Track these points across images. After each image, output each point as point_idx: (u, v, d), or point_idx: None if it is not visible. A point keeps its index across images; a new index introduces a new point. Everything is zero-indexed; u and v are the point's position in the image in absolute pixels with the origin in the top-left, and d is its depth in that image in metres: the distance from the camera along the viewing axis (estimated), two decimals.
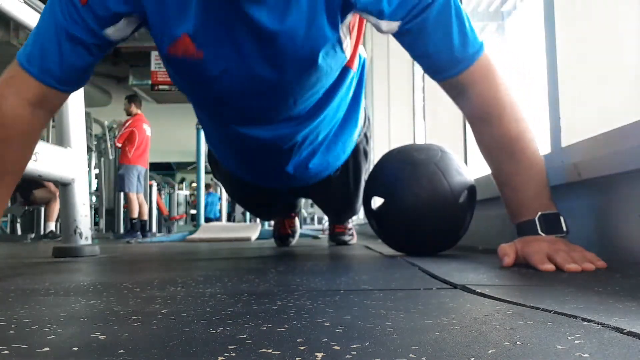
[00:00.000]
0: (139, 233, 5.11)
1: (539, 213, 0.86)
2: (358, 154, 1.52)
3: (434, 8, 0.87)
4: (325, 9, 0.90)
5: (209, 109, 1.19)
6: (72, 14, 0.87)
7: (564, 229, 0.85)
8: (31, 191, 5.11)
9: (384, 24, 0.90)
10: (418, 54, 0.95)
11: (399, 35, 0.93)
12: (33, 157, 1.47)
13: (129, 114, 5.36)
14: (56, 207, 5.08)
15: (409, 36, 0.91)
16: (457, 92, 0.95)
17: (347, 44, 1.02)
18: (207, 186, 9.60)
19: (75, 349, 0.34)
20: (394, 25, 0.90)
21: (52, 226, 5.09)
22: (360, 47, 1.19)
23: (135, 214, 5.20)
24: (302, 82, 1.02)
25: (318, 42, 0.93)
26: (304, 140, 1.23)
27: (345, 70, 1.13)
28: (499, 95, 0.92)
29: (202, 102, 1.17)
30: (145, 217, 5.36)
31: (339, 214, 1.91)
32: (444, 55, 0.91)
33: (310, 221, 10.33)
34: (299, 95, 1.06)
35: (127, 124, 5.23)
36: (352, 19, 0.98)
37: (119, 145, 5.22)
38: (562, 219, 0.86)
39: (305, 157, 1.31)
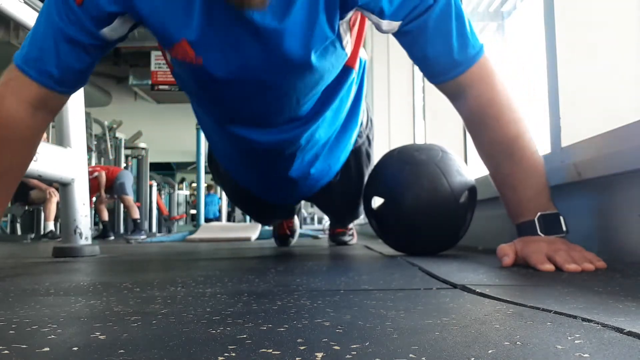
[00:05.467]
0: (142, 232, 5.25)
1: (539, 213, 0.86)
2: (360, 157, 1.49)
3: (435, 10, 0.87)
4: (324, 6, 0.89)
5: (210, 111, 1.18)
6: (68, 15, 0.86)
7: (564, 229, 0.85)
8: (27, 192, 5.13)
9: (385, 24, 0.90)
10: (417, 56, 0.95)
11: (399, 35, 0.93)
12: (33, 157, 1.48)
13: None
14: (53, 206, 5.10)
15: (409, 37, 0.91)
16: (456, 94, 0.95)
17: (348, 40, 1.01)
18: (209, 187, 9.61)
19: (75, 349, 0.34)
20: (395, 25, 0.89)
21: (51, 226, 5.10)
22: (361, 49, 1.18)
23: (137, 215, 5.36)
24: (304, 81, 1.01)
25: (317, 39, 0.93)
26: (307, 143, 1.21)
27: (347, 69, 1.13)
28: (497, 96, 0.92)
29: (204, 103, 1.16)
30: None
31: (341, 217, 1.89)
32: (443, 58, 0.91)
33: (310, 221, 10.33)
34: (302, 95, 1.05)
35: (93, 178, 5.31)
36: (352, 16, 0.97)
37: (102, 173, 5.34)
38: (561, 219, 0.86)
39: (308, 161, 1.29)
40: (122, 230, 6.68)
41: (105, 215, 5.54)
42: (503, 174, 0.93)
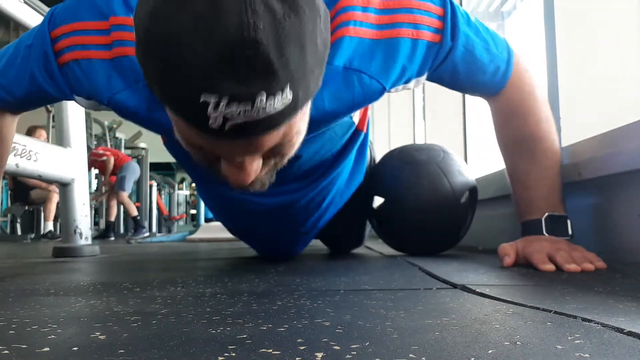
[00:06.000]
0: (143, 229, 5.22)
1: (547, 213, 0.86)
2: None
3: (458, 49, 0.81)
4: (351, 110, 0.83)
5: (200, 177, 1.10)
6: (47, 69, 0.79)
7: (569, 232, 0.86)
8: (27, 192, 5.13)
9: (412, 84, 0.84)
10: (458, 90, 0.93)
11: (432, 81, 0.88)
12: (33, 157, 1.48)
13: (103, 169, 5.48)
14: (53, 206, 5.10)
15: (442, 81, 0.87)
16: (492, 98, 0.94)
17: (356, 111, 0.95)
18: None
19: (75, 349, 0.34)
20: (422, 78, 0.84)
21: (50, 226, 5.10)
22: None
23: (135, 212, 5.33)
24: (306, 149, 0.92)
25: (337, 126, 0.90)
26: (310, 202, 1.10)
27: (357, 133, 1.06)
28: (528, 96, 0.90)
29: (192, 173, 1.11)
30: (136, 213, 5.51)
31: (342, 247, 1.60)
32: (482, 87, 0.89)
33: None
34: (302, 162, 0.98)
35: (99, 159, 5.28)
36: None
37: (111, 158, 5.28)
38: (569, 222, 0.86)
39: (316, 219, 1.17)
40: (122, 230, 6.67)
41: (113, 215, 5.48)
42: (519, 172, 0.93)
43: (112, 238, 5.21)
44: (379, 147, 3.38)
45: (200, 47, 0.45)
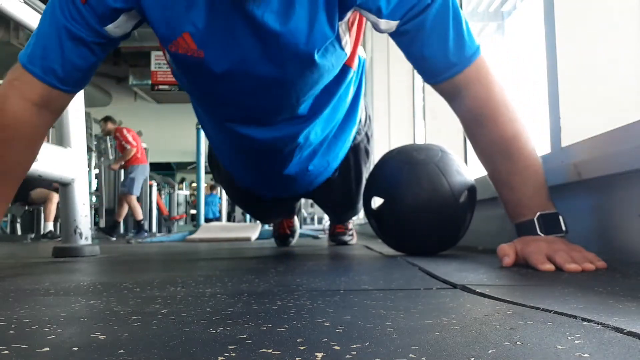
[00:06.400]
0: (145, 232, 5.24)
1: (538, 213, 0.86)
2: (359, 153, 1.50)
3: (433, 9, 0.87)
4: (324, 6, 0.90)
5: (210, 109, 1.19)
6: (72, 13, 0.87)
7: (563, 228, 0.85)
8: (27, 192, 5.13)
9: (383, 23, 0.90)
10: (414, 56, 0.95)
11: (396, 35, 0.93)
12: None
13: (108, 133, 5.58)
14: (53, 207, 5.10)
15: (407, 37, 0.91)
16: (452, 95, 0.95)
17: (347, 41, 1.02)
18: (212, 187, 9.60)
19: (75, 349, 0.34)
20: (393, 24, 0.90)
21: (50, 226, 5.10)
22: (360, 48, 1.18)
23: (141, 216, 5.36)
24: (304, 80, 1.02)
25: (318, 40, 0.93)
26: (305, 140, 1.22)
27: (345, 68, 1.13)
28: (493, 96, 0.92)
29: (204, 101, 1.16)
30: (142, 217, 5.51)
31: (340, 214, 1.89)
32: (440, 59, 0.91)
33: (310, 221, 10.33)
34: (301, 93, 1.06)
35: (122, 134, 5.29)
36: (351, 16, 0.98)
37: (133, 149, 5.26)
38: (561, 218, 0.86)
39: (306, 158, 1.30)
40: (121, 230, 6.67)
41: (122, 216, 5.48)
42: (501, 174, 0.93)
43: (114, 238, 5.20)
44: (379, 147, 3.38)
45: None
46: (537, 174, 0.90)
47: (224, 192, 5.72)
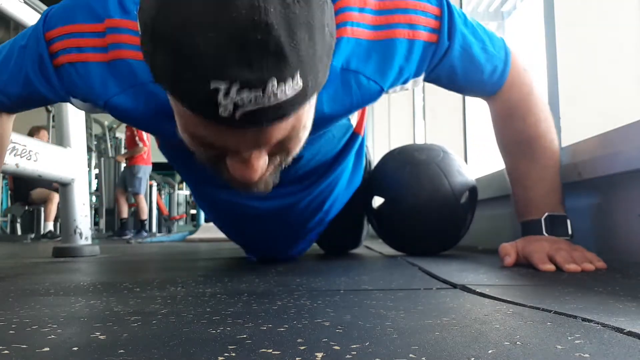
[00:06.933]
0: (144, 233, 5.23)
1: (547, 214, 0.86)
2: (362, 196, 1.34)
3: (455, 49, 0.81)
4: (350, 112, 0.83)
5: (196, 180, 1.08)
6: (42, 70, 0.77)
7: (569, 232, 0.86)
8: (28, 192, 5.13)
9: (410, 84, 0.84)
10: (456, 91, 0.93)
11: (430, 81, 0.87)
12: (33, 157, 1.48)
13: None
14: (53, 207, 5.10)
15: (439, 81, 0.87)
16: (491, 98, 0.94)
17: (354, 114, 0.94)
18: None
19: (75, 349, 0.34)
20: (420, 79, 0.84)
21: (50, 226, 5.10)
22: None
23: (146, 215, 5.35)
24: (305, 151, 0.89)
25: (335, 129, 0.90)
26: (308, 206, 1.09)
27: (354, 136, 1.07)
28: (526, 97, 0.90)
29: (192, 180, 1.09)
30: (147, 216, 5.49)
31: (342, 249, 1.56)
32: (479, 86, 0.89)
33: None
34: (301, 164, 0.97)
35: (132, 131, 5.27)
36: None
37: (145, 148, 5.24)
38: (568, 222, 0.86)
39: (315, 223, 1.16)
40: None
41: (125, 213, 5.44)
42: (519, 172, 0.93)
43: (129, 235, 5.17)
44: (379, 147, 3.39)
45: (210, 32, 0.44)
46: (554, 176, 0.89)
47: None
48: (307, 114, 0.57)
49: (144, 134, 5.26)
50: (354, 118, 1.00)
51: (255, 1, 0.43)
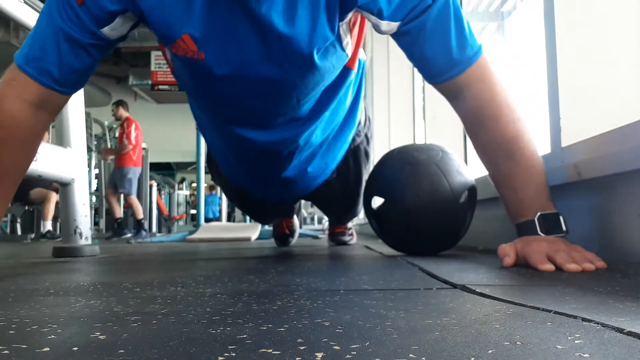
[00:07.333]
0: (143, 232, 5.21)
1: (539, 213, 0.86)
2: (359, 155, 1.50)
3: (434, 10, 0.87)
4: (325, 7, 0.90)
5: (210, 110, 1.18)
6: (69, 15, 0.86)
7: (564, 228, 0.85)
8: (27, 192, 5.13)
9: (384, 24, 0.90)
10: (416, 57, 0.95)
11: (397, 36, 0.93)
12: None
13: (118, 118, 5.44)
14: (51, 206, 5.09)
15: (408, 37, 0.91)
16: (454, 94, 0.95)
17: (348, 41, 1.01)
18: (212, 187, 9.57)
19: (75, 349, 0.34)
20: (394, 25, 0.90)
21: (48, 226, 5.09)
22: (360, 50, 1.18)
23: (141, 215, 5.32)
24: (305, 81, 1.01)
25: (319, 41, 0.93)
26: (305, 143, 1.21)
27: (346, 70, 1.13)
28: (496, 96, 0.92)
29: (204, 102, 1.16)
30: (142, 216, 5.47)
31: (340, 216, 1.89)
32: (442, 58, 0.91)
33: (310, 221, 10.32)
34: (302, 95, 1.05)
35: (129, 127, 5.26)
36: (352, 17, 0.97)
37: (130, 146, 5.23)
38: (561, 218, 0.86)
39: (305, 160, 1.30)
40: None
41: (118, 212, 5.42)
42: (503, 174, 0.93)
43: (129, 235, 5.15)
44: (379, 147, 3.38)
45: None
46: (539, 174, 0.90)
47: (223, 192, 5.69)
48: None
49: (133, 134, 5.24)
50: (348, 48, 1.03)
51: None
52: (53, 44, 0.88)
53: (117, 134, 6.36)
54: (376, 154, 1.50)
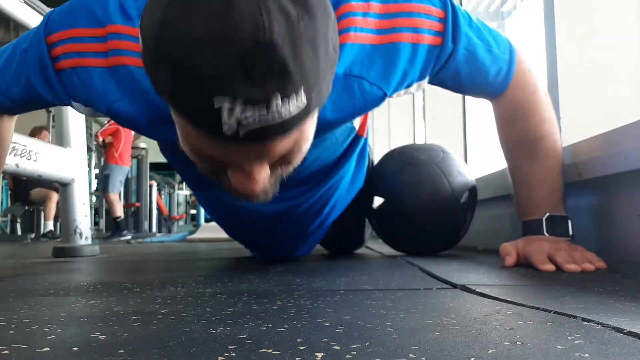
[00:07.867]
0: (125, 231, 5.14)
1: (547, 214, 0.86)
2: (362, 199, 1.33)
3: (459, 52, 0.80)
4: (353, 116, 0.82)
5: (197, 185, 1.08)
6: (43, 75, 0.77)
7: (570, 233, 0.85)
8: (28, 192, 5.13)
9: (414, 88, 0.83)
10: (458, 92, 0.92)
11: (434, 84, 0.87)
12: (33, 157, 1.48)
13: None
14: (53, 206, 5.09)
15: (443, 83, 0.86)
16: (496, 99, 0.93)
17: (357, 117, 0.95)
18: None
19: (75, 349, 0.34)
20: (424, 82, 0.83)
21: (50, 226, 5.09)
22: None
23: (119, 213, 5.22)
24: (308, 155, 0.91)
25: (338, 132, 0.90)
26: (311, 207, 1.09)
27: (357, 138, 1.06)
28: (531, 97, 0.89)
29: (191, 182, 1.08)
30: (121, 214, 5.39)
31: (346, 249, 1.58)
32: (484, 88, 0.88)
33: None
34: (303, 168, 0.95)
35: (111, 121, 5.20)
36: None
37: (101, 139, 5.17)
38: (569, 222, 0.86)
39: (317, 224, 1.15)
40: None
41: (118, 211, 5.34)
42: (522, 172, 0.92)
43: (129, 236, 5.12)
44: (379, 147, 3.38)
45: (214, 51, 0.44)
46: (557, 176, 0.89)
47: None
48: (310, 127, 0.57)
49: (108, 130, 5.18)
50: (356, 121, 1.00)
51: (259, 19, 0.43)
52: (17, 87, 0.80)
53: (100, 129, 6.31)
54: (376, 154, 1.50)
